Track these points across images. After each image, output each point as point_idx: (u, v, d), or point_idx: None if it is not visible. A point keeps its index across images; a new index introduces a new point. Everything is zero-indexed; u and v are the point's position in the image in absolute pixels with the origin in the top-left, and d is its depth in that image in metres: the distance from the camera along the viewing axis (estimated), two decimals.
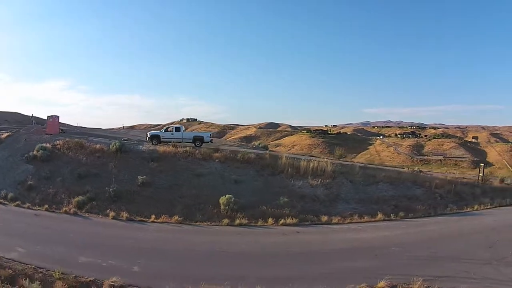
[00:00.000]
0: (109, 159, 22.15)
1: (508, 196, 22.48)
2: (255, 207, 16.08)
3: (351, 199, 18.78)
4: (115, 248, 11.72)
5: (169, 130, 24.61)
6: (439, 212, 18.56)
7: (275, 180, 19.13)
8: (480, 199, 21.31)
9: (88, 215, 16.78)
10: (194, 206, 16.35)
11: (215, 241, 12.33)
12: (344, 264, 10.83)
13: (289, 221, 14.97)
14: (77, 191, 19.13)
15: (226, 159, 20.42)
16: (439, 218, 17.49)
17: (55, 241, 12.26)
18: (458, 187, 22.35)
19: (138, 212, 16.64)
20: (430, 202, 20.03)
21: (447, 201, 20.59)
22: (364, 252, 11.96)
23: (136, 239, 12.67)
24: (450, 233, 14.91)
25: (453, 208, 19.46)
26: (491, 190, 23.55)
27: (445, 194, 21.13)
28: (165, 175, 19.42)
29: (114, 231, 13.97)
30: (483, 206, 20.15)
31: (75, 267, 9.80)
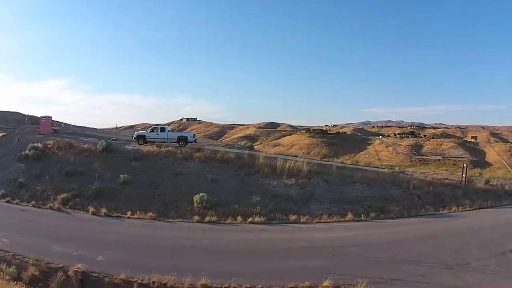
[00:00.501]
0: (96, 158, 23.06)
1: (492, 197, 22.08)
2: (228, 206, 16.72)
3: (325, 199, 18.91)
4: (88, 240, 12.70)
5: (155, 130, 25.45)
6: (413, 213, 18.33)
7: (251, 179, 19.70)
8: (460, 200, 20.84)
9: (71, 210, 17.72)
10: (170, 204, 17.15)
11: (181, 236, 13.09)
12: (297, 263, 11.08)
13: (257, 219, 15.44)
14: (64, 189, 20.05)
15: (206, 159, 21.10)
16: (412, 220, 17.32)
17: (36, 233, 13.47)
18: (438, 188, 22.04)
19: (117, 208, 17.54)
20: (406, 203, 19.82)
21: (425, 202, 20.32)
22: (322, 252, 12.15)
23: (109, 233, 13.60)
24: (418, 235, 14.70)
25: (429, 210, 19.22)
26: (474, 192, 23.02)
27: (423, 195, 20.92)
28: (146, 174, 20.27)
29: (91, 225, 14.90)
30: (462, 208, 19.77)
31: (49, 255, 10.98)
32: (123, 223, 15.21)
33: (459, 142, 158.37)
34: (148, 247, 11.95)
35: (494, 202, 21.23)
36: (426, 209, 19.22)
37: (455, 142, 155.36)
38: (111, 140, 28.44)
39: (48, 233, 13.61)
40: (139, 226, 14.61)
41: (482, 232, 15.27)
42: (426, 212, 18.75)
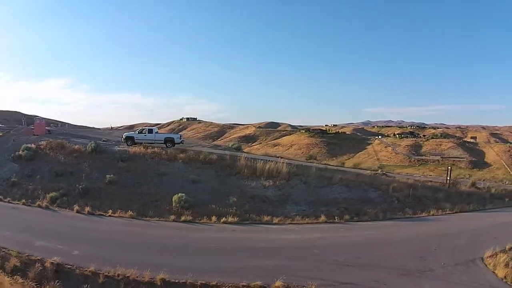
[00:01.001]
0: (85, 158, 23.88)
1: (475, 201, 21.81)
2: (206, 206, 17.29)
3: (301, 201, 19.08)
4: (68, 236, 13.51)
5: (143, 132, 26.25)
6: (388, 216, 18.08)
7: (231, 180, 20.28)
8: (441, 204, 20.60)
9: (58, 209, 18.51)
10: (151, 203, 17.87)
11: (154, 234, 13.72)
12: (258, 262, 11.23)
13: (230, 219, 15.83)
14: (53, 188, 20.90)
15: (189, 160, 21.79)
16: (386, 223, 17.11)
17: (22, 229, 14.34)
18: (420, 191, 21.85)
19: (101, 207, 18.30)
20: (384, 205, 19.69)
21: (404, 205, 20.13)
22: (285, 253, 12.28)
23: (89, 230, 14.37)
24: (387, 239, 14.47)
25: (407, 213, 18.98)
26: (457, 195, 22.73)
27: (403, 198, 20.75)
28: (131, 174, 21.05)
29: (74, 222, 15.69)
30: (441, 211, 19.53)
31: (31, 248, 11.85)
32: (103, 220, 15.97)
33: (459, 142, 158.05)
34: (121, 244, 12.66)
35: (477, 205, 21.05)
36: (405, 212, 19.04)
37: (454, 142, 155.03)
38: (102, 141, 29.32)
39: (33, 229, 14.46)
40: (118, 224, 15.35)
41: (456, 237, 14.79)
42: (404, 215, 18.53)
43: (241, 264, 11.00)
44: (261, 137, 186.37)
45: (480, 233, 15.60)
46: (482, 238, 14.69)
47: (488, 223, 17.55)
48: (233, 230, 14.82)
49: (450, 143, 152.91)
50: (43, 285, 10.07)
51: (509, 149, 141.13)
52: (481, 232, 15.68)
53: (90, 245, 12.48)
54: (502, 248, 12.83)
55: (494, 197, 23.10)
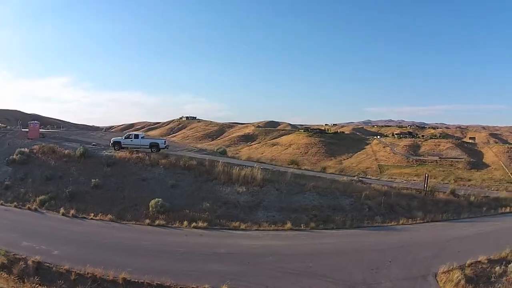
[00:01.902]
0: (74, 163, 25.16)
1: (451, 210, 21.28)
2: (181, 210, 18.34)
3: (272, 207, 19.42)
4: (51, 237, 14.90)
5: (130, 137, 27.54)
6: (356, 224, 17.96)
7: (207, 186, 21.23)
8: (413, 212, 20.23)
9: (46, 211, 19.86)
10: (130, 207, 19.07)
11: (127, 237, 14.92)
12: (213, 267, 11.89)
13: (200, 224, 16.58)
14: (43, 191, 22.24)
15: (170, 165, 22.83)
16: (352, 231, 17.02)
17: (11, 230, 15.85)
18: (393, 199, 21.50)
19: (85, 210, 19.60)
20: (354, 213, 19.56)
21: (375, 213, 19.94)
22: (241, 258, 12.75)
23: (70, 231, 15.73)
24: (345, 248, 14.46)
25: (376, 221, 18.81)
26: (433, 203, 22.13)
27: (375, 205, 20.54)
28: (115, 178, 22.32)
29: (58, 224, 17.03)
30: (412, 220, 19.08)
31: (17, 248, 13.29)
32: (85, 223, 17.24)
33: (457, 143, 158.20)
34: (96, 245, 13.92)
35: (452, 215, 20.57)
36: (374, 221, 18.83)
37: (452, 143, 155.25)
38: (92, 145, 30.60)
39: (21, 230, 15.87)
40: (97, 226, 16.60)
41: (417, 248, 14.40)
42: (372, 224, 18.28)
43: (198, 268, 11.95)
44: (260, 137, 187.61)
45: (444, 245, 15.00)
46: (445, 251, 14.17)
47: (457, 234, 17.05)
48: (201, 235, 15.70)
49: (448, 144, 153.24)
50: (24, 281, 11.39)
51: (507, 150, 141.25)
52: (446, 245, 15.09)
53: (69, 245, 13.82)
54: (462, 263, 12.37)
55: (473, 206, 22.51)
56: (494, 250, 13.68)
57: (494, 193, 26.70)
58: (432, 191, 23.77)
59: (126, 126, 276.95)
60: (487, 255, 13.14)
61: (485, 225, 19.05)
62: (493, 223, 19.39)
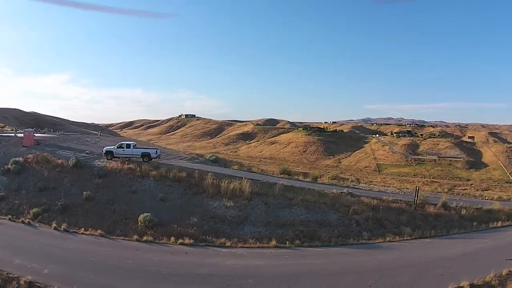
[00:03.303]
0: (67, 173, 25.51)
1: (441, 224, 20.98)
2: (168, 225, 18.63)
3: (259, 222, 19.38)
4: (41, 254, 15.38)
5: (122, 146, 27.87)
6: (342, 241, 17.80)
7: (196, 199, 21.39)
8: (401, 228, 19.93)
9: (39, 225, 20.25)
10: (120, 221, 19.42)
11: (114, 254, 15.29)
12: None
13: (187, 241, 16.77)
14: (36, 203, 22.58)
15: (160, 177, 23.10)
16: (337, 250, 16.88)
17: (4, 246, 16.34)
18: (382, 213, 21.14)
19: (76, 223, 20.01)
20: (341, 229, 19.45)
21: (363, 228, 19.76)
22: (220, 281, 12.85)
23: (60, 248, 16.16)
24: (327, 270, 14.37)
25: (363, 237, 18.53)
26: (423, 217, 21.70)
27: (363, 220, 20.30)
28: (106, 190, 22.70)
29: (49, 240, 17.44)
30: (399, 237, 18.69)
31: (10, 266, 13.79)
32: (75, 238, 17.64)
33: (456, 142, 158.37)
34: (83, 263, 14.34)
35: (442, 230, 20.26)
36: (361, 237, 18.59)
37: (451, 142, 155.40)
38: (86, 153, 30.99)
39: (14, 246, 16.36)
40: (86, 242, 16.97)
41: (400, 271, 14.22)
42: (358, 241, 18.04)
43: None
44: (259, 135, 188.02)
45: (428, 267, 14.78)
46: (428, 274, 14.09)
47: (444, 253, 16.76)
48: (186, 252, 15.92)
49: (447, 143, 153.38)
50: None
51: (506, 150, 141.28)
52: (430, 267, 14.84)
53: (58, 264, 14.30)
54: None
55: (464, 219, 22.20)
56: (478, 273, 13.62)
57: (488, 204, 26.30)
58: (423, 204, 23.37)
59: (125, 124, 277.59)
60: (471, 279, 13.08)
61: (473, 242, 18.82)
62: (482, 240, 19.19)
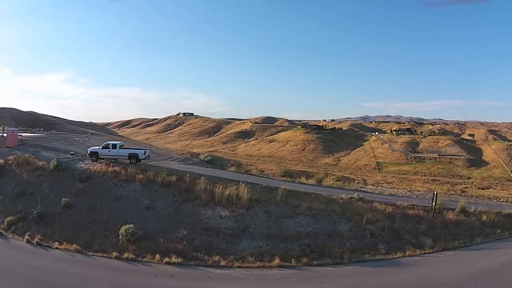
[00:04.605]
0: (47, 177, 23.28)
1: (463, 233, 19.14)
2: (154, 239, 16.43)
3: (260, 235, 17.29)
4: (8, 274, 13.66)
5: (107, 147, 25.74)
6: (356, 257, 15.89)
7: (186, 207, 19.18)
8: (421, 239, 17.93)
9: (12, 236, 18.13)
10: (100, 233, 17.28)
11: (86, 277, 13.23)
12: None
13: (174, 259, 14.65)
14: (12, 210, 20.41)
15: (147, 181, 20.87)
16: (350, 270, 14.82)
17: None
18: (398, 223, 19.03)
19: (52, 235, 17.88)
20: (354, 241, 17.37)
21: (378, 240, 17.71)
22: None
23: (28, 267, 14.21)
24: None
25: (379, 251, 16.70)
26: (443, 225, 19.73)
27: (378, 231, 18.25)
28: (88, 196, 20.53)
29: (18, 255, 15.38)
30: (420, 250, 16.85)
31: None
32: (47, 254, 15.54)
33: (456, 139, 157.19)
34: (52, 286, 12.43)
35: (464, 240, 18.39)
36: (376, 250, 16.75)
37: (451, 140, 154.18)
38: (70, 154, 28.89)
39: None
40: (59, 259, 14.90)
41: None
42: (374, 256, 16.13)
43: None
44: (258, 133, 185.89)
45: None
46: None
47: (471, 269, 15.01)
48: (172, 275, 13.72)
49: (447, 141, 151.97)
50: None
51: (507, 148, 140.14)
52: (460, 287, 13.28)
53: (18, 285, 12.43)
54: None
55: (485, 226, 20.53)
56: None
57: (506, 207, 24.32)
58: (441, 209, 21.28)
59: (123, 123, 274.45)
60: None
61: (500, 254, 17.07)
62: (509, 251, 17.37)
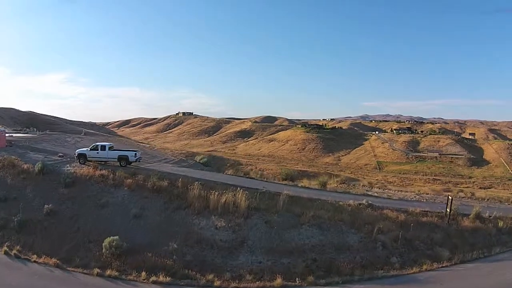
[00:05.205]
0: (31, 181, 21.80)
1: (480, 241, 17.74)
2: (141, 253, 14.96)
3: (259, 248, 15.72)
4: None
5: (96, 148, 24.32)
6: (368, 273, 14.42)
7: (178, 216, 17.49)
8: (438, 250, 16.49)
9: None
10: (83, 245, 15.88)
11: None
12: None
13: (161, 278, 13.23)
14: None
15: (136, 187, 19.45)
16: None
17: None
18: (412, 232, 17.56)
19: (32, 246, 16.44)
20: (365, 254, 15.86)
21: (391, 252, 16.24)
22: None
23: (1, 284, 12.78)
24: None
25: (393, 265, 15.24)
26: (458, 234, 18.33)
27: (390, 242, 16.80)
28: (73, 203, 19.05)
29: None
30: (437, 264, 15.44)
31: None
32: (24, 269, 14.10)
33: (457, 139, 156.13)
34: None
35: (483, 249, 17.05)
36: (390, 265, 15.32)
37: (452, 139, 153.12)
38: (58, 156, 27.49)
39: None
40: (36, 275, 13.49)
41: None
42: (387, 272, 14.70)
43: None
44: (257, 132, 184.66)
45: None
46: None
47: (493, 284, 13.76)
48: None
49: (448, 140, 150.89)
50: None
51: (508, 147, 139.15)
52: None
53: None
54: None
55: (502, 233, 19.18)
56: None
57: None
58: (455, 216, 19.71)
59: (122, 122, 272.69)
60: None
61: None
62: None
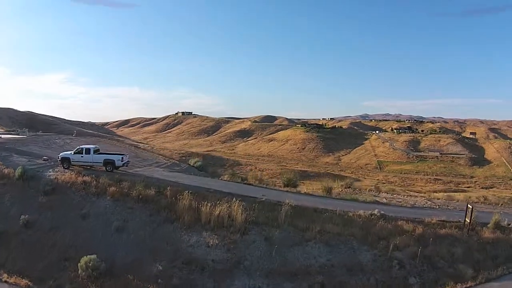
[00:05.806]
0: (11, 187, 20.17)
1: (502, 255, 15.84)
2: (121, 275, 13.37)
3: (258, 270, 13.96)
4: None
5: (80, 152, 22.65)
6: None
7: (166, 230, 15.80)
8: (459, 267, 14.69)
9: None
10: (59, 262, 14.31)
11: None
12: None
13: None
14: None
15: (120, 196, 17.78)
16: None
17: None
18: (430, 247, 15.69)
19: (5, 262, 14.85)
20: (380, 275, 14.15)
21: (409, 272, 14.50)
22: None
23: None
24: None
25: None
26: (480, 247, 16.53)
27: (408, 259, 14.99)
28: (52, 213, 17.37)
29: None
30: (461, 284, 13.71)
31: None
32: None
33: (458, 138, 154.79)
34: None
35: (507, 266, 15.14)
36: (408, 287, 13.85)
37: (453, 138, 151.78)
38: (43, 160, 25.90)
39: None
40: None
41: None
42: None
43: None
44: (257, 132, 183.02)
45: None
46: None
47: None
48: None
49: (449, 139, 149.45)
50: None
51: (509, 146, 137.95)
52: None
53: None
54: None
55: None
56: None
57: None
58: (473, 225, 17.79)
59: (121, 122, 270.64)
60: None
61: None
62: None
